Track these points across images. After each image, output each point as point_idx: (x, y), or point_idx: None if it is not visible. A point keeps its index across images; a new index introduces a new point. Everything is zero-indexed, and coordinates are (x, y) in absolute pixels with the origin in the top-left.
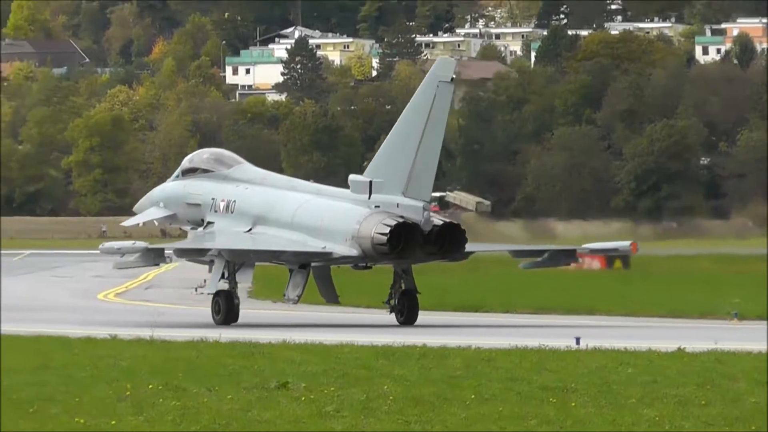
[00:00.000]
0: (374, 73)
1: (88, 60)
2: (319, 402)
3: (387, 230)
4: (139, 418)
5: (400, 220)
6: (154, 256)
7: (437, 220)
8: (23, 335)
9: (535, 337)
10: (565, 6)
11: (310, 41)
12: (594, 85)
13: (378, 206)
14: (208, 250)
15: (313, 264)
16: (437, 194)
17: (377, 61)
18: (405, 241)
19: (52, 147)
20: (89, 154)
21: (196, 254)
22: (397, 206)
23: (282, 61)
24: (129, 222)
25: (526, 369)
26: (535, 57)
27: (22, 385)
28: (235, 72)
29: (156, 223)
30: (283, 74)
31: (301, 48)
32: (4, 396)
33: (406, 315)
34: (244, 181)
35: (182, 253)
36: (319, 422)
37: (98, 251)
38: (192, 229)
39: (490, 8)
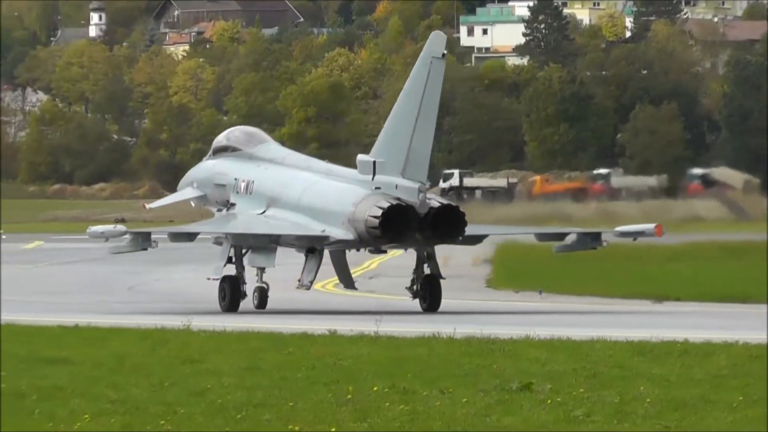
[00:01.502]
0: (628, 34)
1: (302, 19)
2: (566, 405)
3: (379, 213)
4: (362, 424)
5: (394, 202)
6: (142, 240)
7: (435, 202)
8: (229, 332)
9: None
10: None
11: None
12: None
13: (379, 188)
14: (196, 234)
15: (327, 249)
16: (699, 171)
17: (631, 20)
18: (399, 225)
19: (262, 118)
20: (304, 126)
21: (185, 238)
22: (396, 188)
23: (524, 20)
24: (155, 204)
25: None
26: None
27: (230, 389)
28: (470, 32)
29: (192, 204)
30: (524, 35)
31: (545, 5)
32: (207, 400)
33: (429, 301)
34: (266, 160)
35: (174, 237)
36: (567, 427)
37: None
38: (218, 210)
39: None
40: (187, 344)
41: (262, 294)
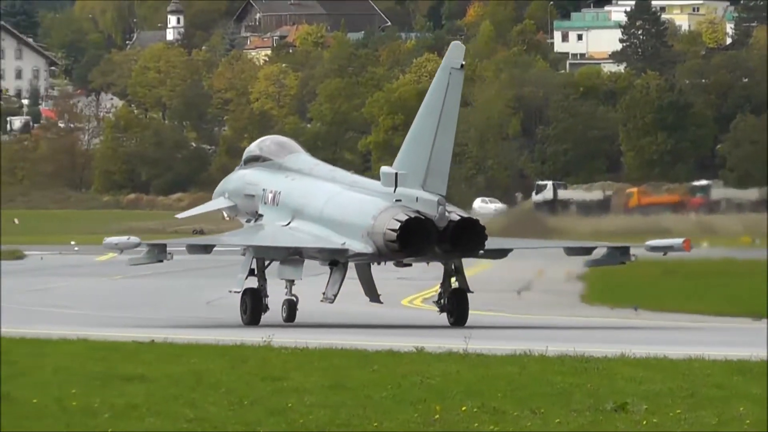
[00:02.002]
0: (728, 41)
1: (389, 23)
2: (663, 426)
3: (397, 226)
4: None
5: (413, 215)
6: (158, 252)
7: (455, 215)
8: (311, 348)
9: None
10: None
11: (653, 2)
12: None
13: (399, 200)
14: (213, 246)
15: (351, 261)
16: None
17: (732, 26)
18: (418, 238)
19: (347, 126)
20: (391, 135)
21: (201, 250)
22: (416, 200)
23: (620, 26)
24: (185, 214)
25: None
26: None
27: (313, 408)
28: (564, 38)
29: (225, 215)
30: (621, 41)
31: (642, 10)
32: (288, 419)
33: (456, 316)
34: (294, 171)
35: (191, 249)
36: None
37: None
38: (247, 221)
39: None
40: (267, 361)
41: (291, 307)
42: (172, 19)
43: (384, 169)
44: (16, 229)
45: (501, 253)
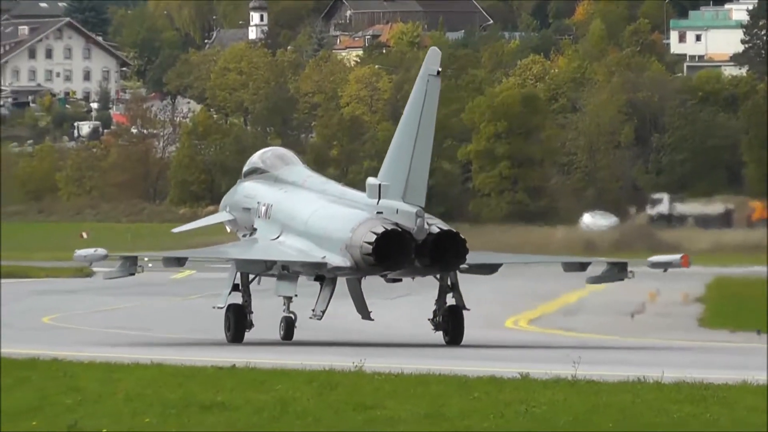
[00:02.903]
0: None
1: (491, 22)
2: None
3: (373, 238)
4: None
5: (389, 228)
6: (129, 265)
7: (435, 228)
8: (407, 374)
9: None
10: None
11: None
12: None
13: (381, 212)
14: (185, 259)
15: (339, 277)
16: None
17: None
18: (394, 251)
19: (445, 132)
20: (494, 143)
21: (175, 263)
22: (396, 212)
23: (742, 26)
24: (181, 228)
25: None
26: None
27: None
28: (681, 39)
29: (227, 229)
30: (743, 42)
31: (766, 9)
32: None
33: (452, 334)
34: (288, 183)
35: (166, 261)
36: None
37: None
38: (243, 236)
39: None
40: (358, 388)
41: (289, 324)
42: (255, 17)
43: (369, 180)
44: (83, 245)
45: (490, 269)
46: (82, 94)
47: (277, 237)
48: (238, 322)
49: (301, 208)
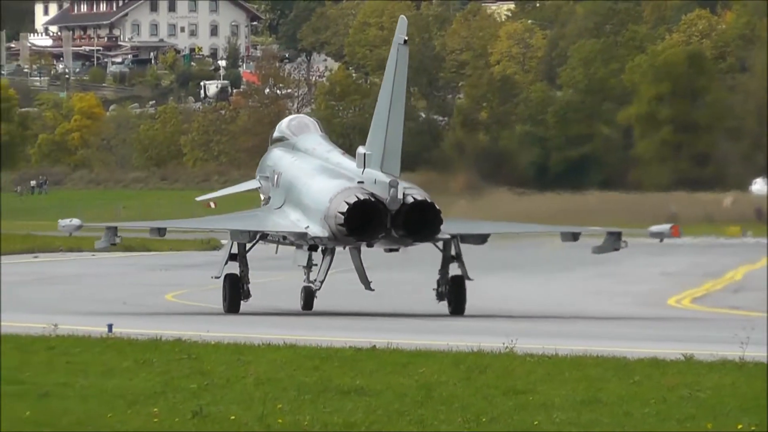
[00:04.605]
0: None
1: None
2: None
3: (345, 208)
4: None
5: (363, 197)
6: (110, 235)
7: (411, 197)
8: (561, 356)
9: None
10: None
11: None
12: None
13: (362, 182)
14: (165, 229)
15: (348, 247)
16: None
17: None
18: (367, 221)
19: (604, 95)
20: (656, 106)
21: (156, 233)
22: (375, 182)
23: None
24: (205, 197)
25: None
26: None
27: (563, 426)
28: None
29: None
30: None
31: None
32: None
33: (454, 304)
34: (301, 151)
35: (152, 231)
36: None
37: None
38: (264, 204)
39: None
40: (509, 371)
41: (308, 294)
42: None
43: (359, 149)
44: (210, 214)
45: (479, 239)
46: (209, 50)
47: (281, 206)
48: (233, 292)
49: (299, 177)
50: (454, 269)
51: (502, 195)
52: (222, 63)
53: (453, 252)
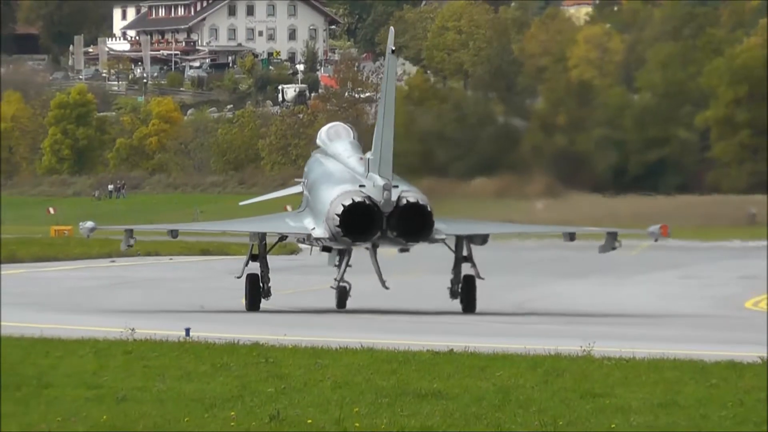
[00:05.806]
0: None
1: None
2: None
3: (341, 210)
4: None
5: (359, 199)
6: (127, 237)
7: (406, 200)
8: (639, 359)
9: None
10: None
11: None
12: None
13: (363, 185)
14: (176, 231)
15: (365, 247)
16: None
17: None
18: (362, 223)
19: (683, 98)
20: (733, 109)
21: (168, 236)
22: (373, 186)
23: None
24: (248, 201)
25: None
26: None
27: (640, 429)
28: None
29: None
30: None
31: None
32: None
33: (466, 303)
34: (330, 156)
35: (171, 233)
36: None
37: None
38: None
39: None
40: (587, 374)
41: (342, 293)
42: None
43: (366, 154)
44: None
45: (479, 239)
46: (287, 54)
47: (303, 209)
48: (253, 291)
49: (316, 181)
50: (466, 269)
51: (581, 198)
52: (300, 67)
53: (464, 252)
